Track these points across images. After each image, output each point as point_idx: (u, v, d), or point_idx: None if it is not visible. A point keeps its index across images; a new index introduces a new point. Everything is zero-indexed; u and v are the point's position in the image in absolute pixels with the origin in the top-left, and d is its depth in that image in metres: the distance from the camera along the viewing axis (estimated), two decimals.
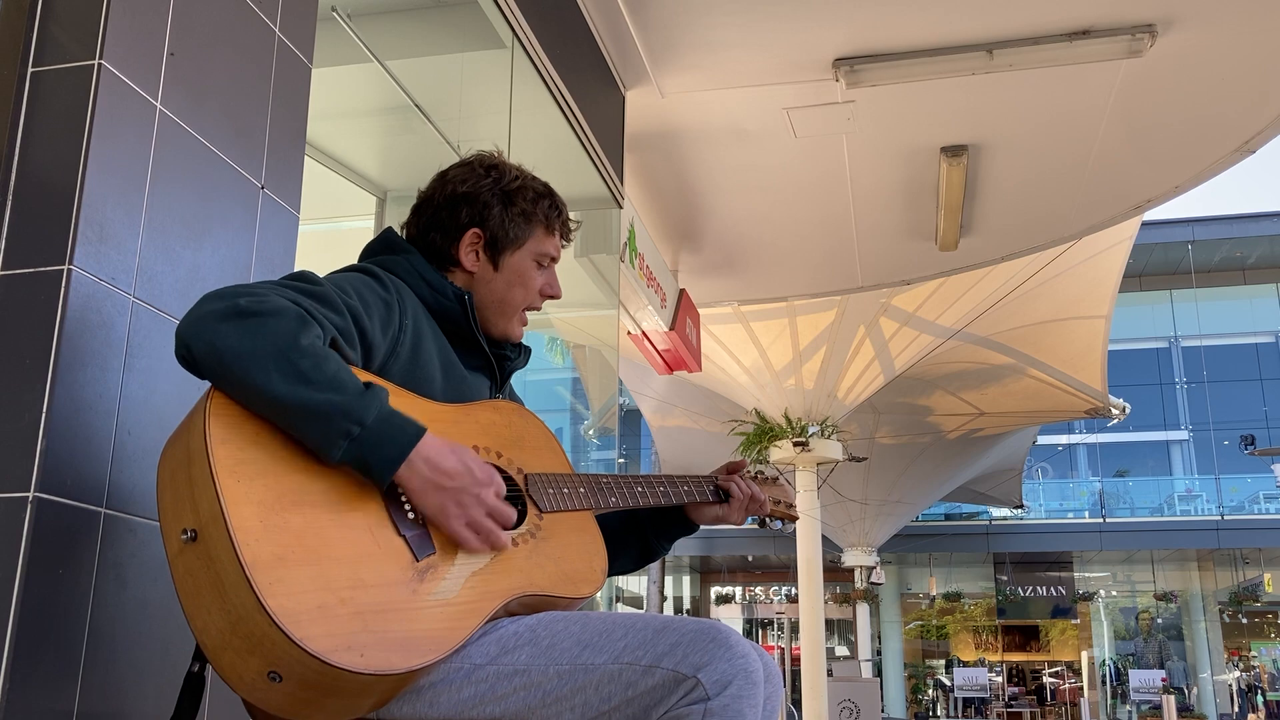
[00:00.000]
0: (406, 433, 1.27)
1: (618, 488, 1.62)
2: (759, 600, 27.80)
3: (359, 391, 1.25)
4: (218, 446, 1.19)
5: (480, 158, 1.68)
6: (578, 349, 7.46)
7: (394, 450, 1.26)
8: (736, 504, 1.79)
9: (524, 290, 1.65)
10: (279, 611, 1.12)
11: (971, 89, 4.97)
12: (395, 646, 1.20)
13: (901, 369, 11.95)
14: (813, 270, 7.58)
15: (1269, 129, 5.28)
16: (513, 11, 3.69)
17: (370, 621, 1.20)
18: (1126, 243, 11.36)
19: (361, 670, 1.16)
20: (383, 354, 1.44)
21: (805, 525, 10.85)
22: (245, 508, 1.17)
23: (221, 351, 1.21)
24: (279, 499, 1.20)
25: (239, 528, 1.15)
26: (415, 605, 1.25)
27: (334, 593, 1.18)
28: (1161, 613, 26.68)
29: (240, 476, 1.19)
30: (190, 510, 1.19)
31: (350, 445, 1.23)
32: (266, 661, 1.15)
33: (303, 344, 1.23)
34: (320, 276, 1.41)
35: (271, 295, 1.26)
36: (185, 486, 1.20)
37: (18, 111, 1.63)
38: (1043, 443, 23.79)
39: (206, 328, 1.22)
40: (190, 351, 1.23)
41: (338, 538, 1.23)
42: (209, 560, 1.16)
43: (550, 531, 1.48)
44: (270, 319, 1.23)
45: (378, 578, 1.23)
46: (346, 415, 1.23)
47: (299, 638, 1.13)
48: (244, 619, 1.14)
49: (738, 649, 1.28)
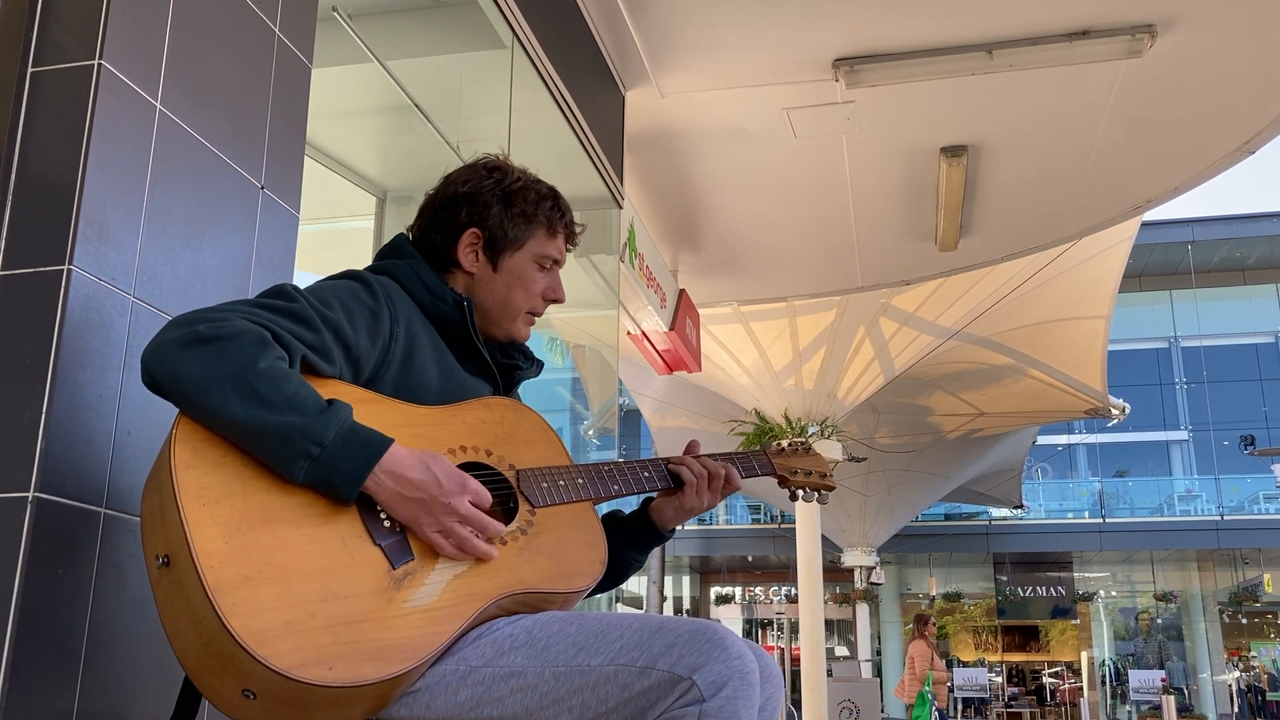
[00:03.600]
0: (369, 448, 1.27)
1: (620, 474, 1.59)
2: (759, 600, 27.79)
3: (319, 410, 1.25)
4: (182, 472, 1.21)
5: (485, 160, 1.68)
6: (578, 349, 7.46)
7: (356, 466, 1.26)
8: (691, 488, 1.65)
9: (525, 292, 1.64)
10: (243, 631, 1.14)
11: (971, 89, 4.97)
12: (366, 657, 1.20)
13: (901, 369, 11.95)
14: (813, 270, 7.58)
15: (1269, 129, 5.28)
16: (513, 12, 3.69)
17: (341, 634, 1.20)
18: (1126, 243, 11.35)
19: (331, 684, 1.17)
20: (373, 362, 1.43)
21: (805, 525, 10.85)
22: (209, 530, 1.18)
23: (181, 379, 1.23)
24: (246, 519, 1.21)
25: (202, 551, 1.16)
26: (390, 614, 1.25)
27: (303, 607, 1.19)
28: (1161, 613, 26.67)
29: (205, 500, 1.20)
30: (163, 536, 1.21)
31: (311, 465, 1.24)
32: (239, 680, 1.17)
33: (260, 367, 1.24)
34: (299, 291, 1.40)
35: (234, 319, 1.27)
36: (158, 513, 1.23)
37: (18, 111, 1.63)
38: (1043, 443, 23.79)
39: (168, 355, 1.24)
40: (153, 378, 1.25)
41: (308, 552, 1.23)
42: (180, 585, 1.18)
43: (544, 526, 1.46)
44: (228, 343, 1.24)
45: (350, 589, 1.23)
46: (305, 436, 1.23)
47: (262, 656, 1.14)
48: (213, 640, 1.16)
49: (733, 650, 1.28)
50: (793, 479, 1.83)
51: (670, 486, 1.66)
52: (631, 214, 5.64)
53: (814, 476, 1.86)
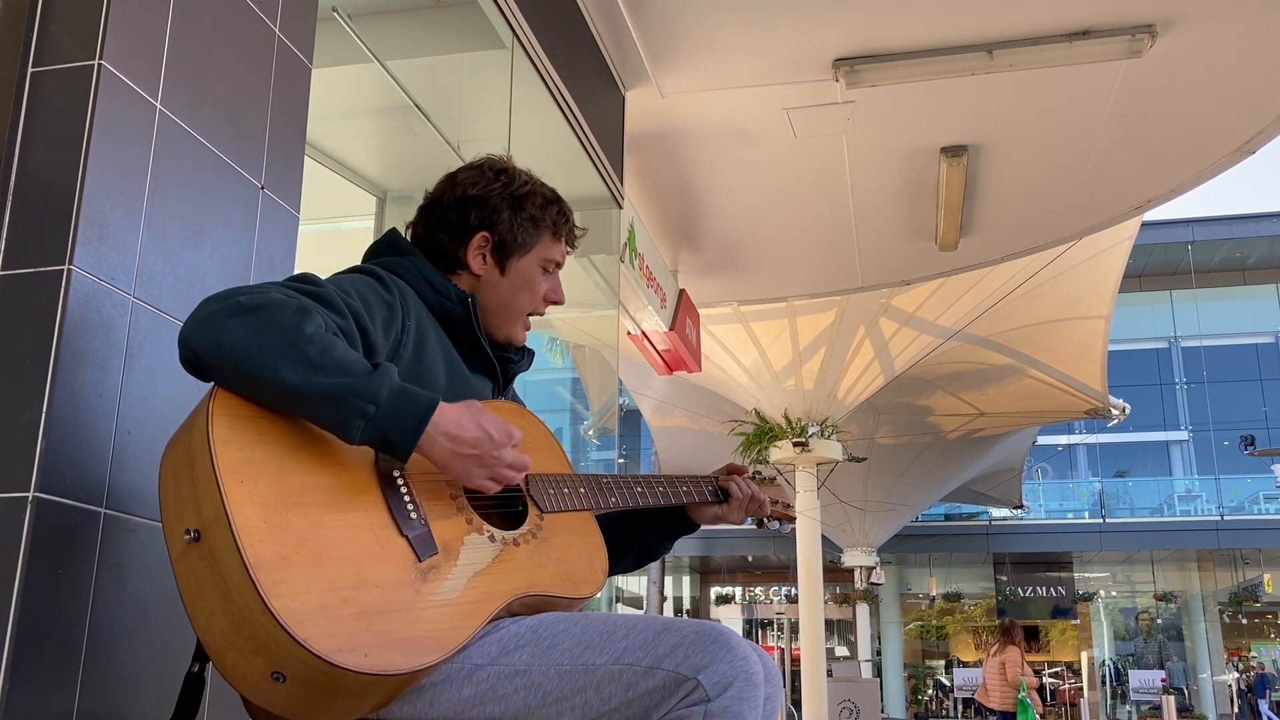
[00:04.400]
0: (420, 405, 1.28)
1: (617, 488, 1.63)
2: (759, 600, 27.80)
3: (368, 372, 1.26)
4: (221, 447, 1.19)
5: (490, 161, 1.69)
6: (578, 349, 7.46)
7: (411, 423, 1.26)
8: (736, 504, 1.81)
9: (529, 295, 1.66)
10: (283, 612, 1.12)
11: (971, 89, 4.97)
12: (398, 647, 1.20)
13: (901, 369, 11.95)
14: (813, 270, 7.59)
15: (1269, 129, 5.28)
16: (513, 12, 3.69)
17: (374, 622, 1.20)
18: (1126, 243, 11.35)
19: (365, 670, 1.16)
20: (385, 355, 1.44)
21: (805, 525, 10.85)
22: (249, 508, 1.16)
23: (229, 349, 1.21)
24: (282, 500, 1.20)
25: (243, 528, 1.14)
26: (418, 606, 1.25)
27: (337, 593, 1.18)
28: (1161, 613, 26.68)
29: (243, 477, 1.19)
30: (193, 511, 1.19)
31: (368, 425, 1.24)
32: (270, 662, 1.15)
33: (308, 332, 1.24)
34: (321, 278, 1.41)
35: (271, 291, 1.28)
36: (188, 487, 1.20)
37: (18, 111, 1.63)
38: (1043, 443, 23.79)
39: (212, 327, 1.22)
40: (196, 353, 1.23)
41: (341, 538, 1.23)
42: (212, 561, 1.16)
43: (551, 532, 1.48)
44: (272, 312, 1.23)
45: (381, 578, 1.23)
46: (360, 396, 1.23)
47: (303, 638, 1.12)
48: (248, 620, 1.14)
49: (738, 650, 1.28)
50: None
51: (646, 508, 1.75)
52: (631, 214, 5.64)
53: (779, 506, 1.96)
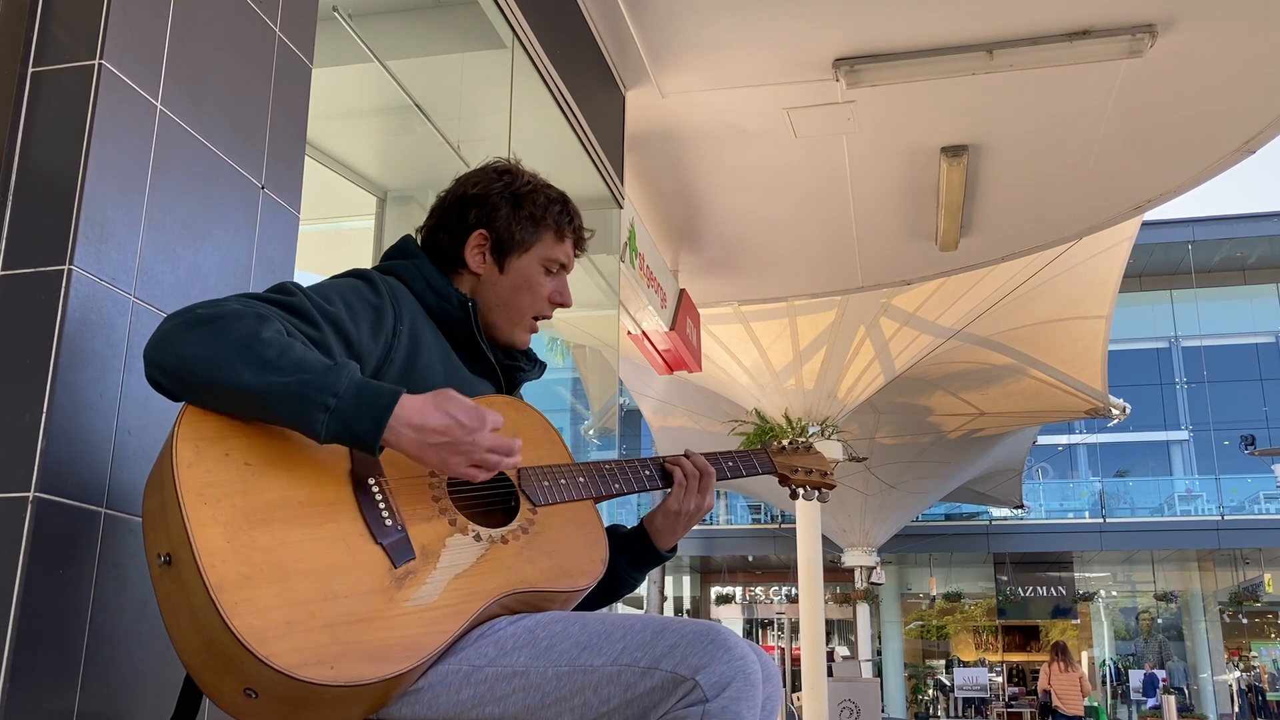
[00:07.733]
0: (383, 395, 1.27)
1: (621, 473, 1.60)
2: (759, 600, 27.79)
3: (327, 368, 1.26)
4: (184, 471, 1.21)
5: (496, 163, 1.69)
6: (578, 349, 7.46)
7: (374, 412, 1.25)
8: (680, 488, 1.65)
9: (531, 296, 1.64)
10: (244, 630, 1.14)
11: (971, 89, 4.97)
12: (367, 656, 1.20)
13: (901, 369, 11.95)
14: (813, 270, 7.58)
15: (1269, 129, 5.28)
16: (513, 11, 3.69)
17: (341, 633, 1.20)
18: (1126, 243, 11.35)
19: (332, 683, 1.17)
20: (375, 359, 1.44)
21: (805, 525, 10.84)
22: (210, 529, 1.18)
23: (188, 359, 1.23)
24: (247, 518, 1.21)
25: (204, 550, 1.16)
26: (390, 613, 1.25)
27: (304, 607, 1.19)
28: (1161, 613, 26.67)
29: (207, 499, 1.20)
30: (164, 535, 1.21)
31: (330, 418, 1.23)
32: (240, 680, 1.17)
33: (264, 336, 1.25)
34: (299, 287, 1.41)
35: (229, 302, 1.29)
36: (159, 511, 1.23)
37: (18, 111, 1.63)
38: (1043, 443, 23.78)
39: (171, 341, 1.25)
40: (159, 369, 1.25)
41: (309, 552, 1.23)
42: (181, 583, 1.18)
43: (545, 525, 1.47)
44: (229, 321, 1.25)
45: (350, 588, 1.24)
46: (319, 389, 1.23)
47: (264, 655, 1.14)
48: (215, 639, 1.16)
49: (736, 650, 1.28)
50: (793, 477, 1.84)
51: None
52: (632, 214, 5.64)
53: (815, 475, 1.87)
